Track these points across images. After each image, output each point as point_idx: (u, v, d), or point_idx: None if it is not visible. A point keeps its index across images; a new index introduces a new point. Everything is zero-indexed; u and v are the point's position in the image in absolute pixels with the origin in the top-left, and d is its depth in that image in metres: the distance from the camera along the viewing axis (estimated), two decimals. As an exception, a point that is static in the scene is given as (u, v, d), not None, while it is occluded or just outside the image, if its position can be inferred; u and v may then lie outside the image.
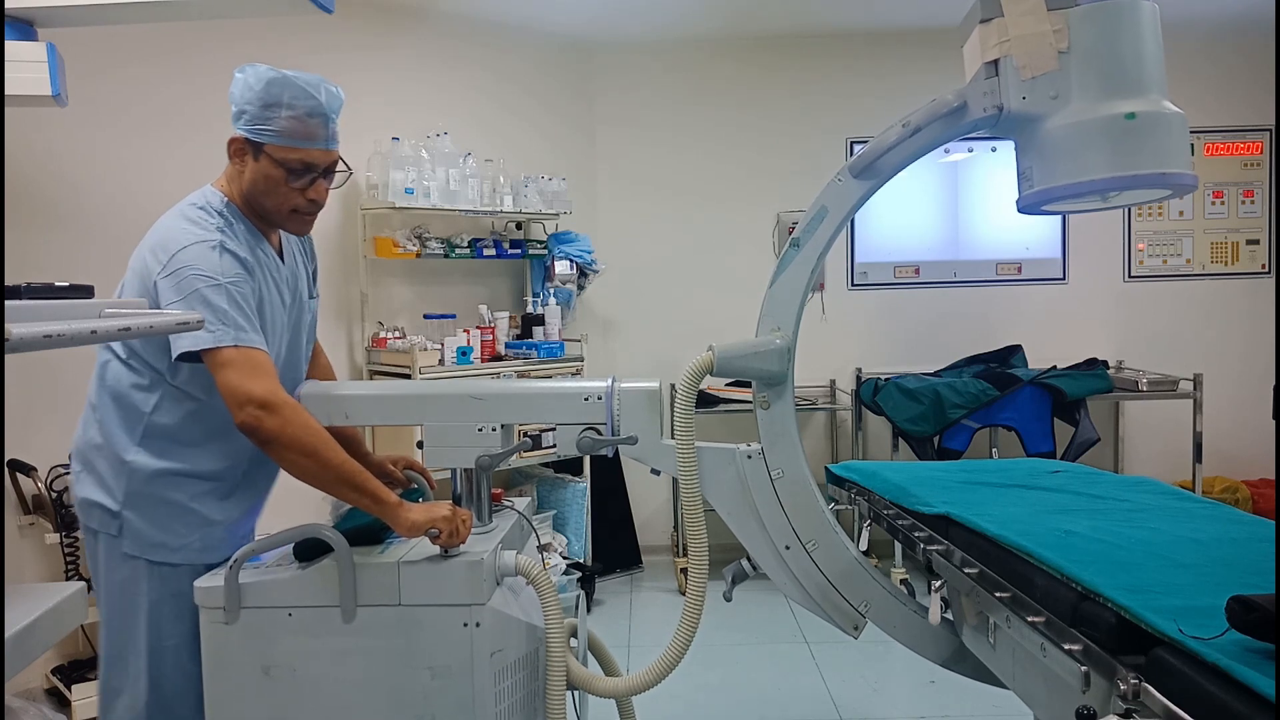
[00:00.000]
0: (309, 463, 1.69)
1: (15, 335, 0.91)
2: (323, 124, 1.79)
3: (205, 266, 1.69)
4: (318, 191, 1.83)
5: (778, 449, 1.97)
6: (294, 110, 1.75)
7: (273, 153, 1.76)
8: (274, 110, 1.74)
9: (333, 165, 1.84)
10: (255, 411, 1.65)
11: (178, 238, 1.72)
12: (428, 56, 4.24)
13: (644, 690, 1.91)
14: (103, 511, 1.78)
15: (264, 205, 1.81)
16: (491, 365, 4.03)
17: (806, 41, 4.85)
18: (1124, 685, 1.20)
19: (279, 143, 1.76)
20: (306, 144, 1.77)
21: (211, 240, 1.72)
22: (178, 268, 1.69)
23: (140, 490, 1.77)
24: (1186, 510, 1.91)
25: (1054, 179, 1.76)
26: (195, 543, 1.80)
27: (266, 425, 1.65)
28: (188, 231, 1.73)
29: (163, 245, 1.72)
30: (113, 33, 3.09)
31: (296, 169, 1.78)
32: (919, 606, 1.99)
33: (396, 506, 1.73)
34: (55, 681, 3.00)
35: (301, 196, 1.81)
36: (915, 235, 4.94)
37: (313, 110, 1.76)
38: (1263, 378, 4.82)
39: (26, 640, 1.02)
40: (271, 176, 1.78)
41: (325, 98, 1.78)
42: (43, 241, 3.04)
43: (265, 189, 1.79)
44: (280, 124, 1.74)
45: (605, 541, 4.56)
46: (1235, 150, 4.91)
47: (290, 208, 1.82)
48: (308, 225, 1.89)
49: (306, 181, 1.80)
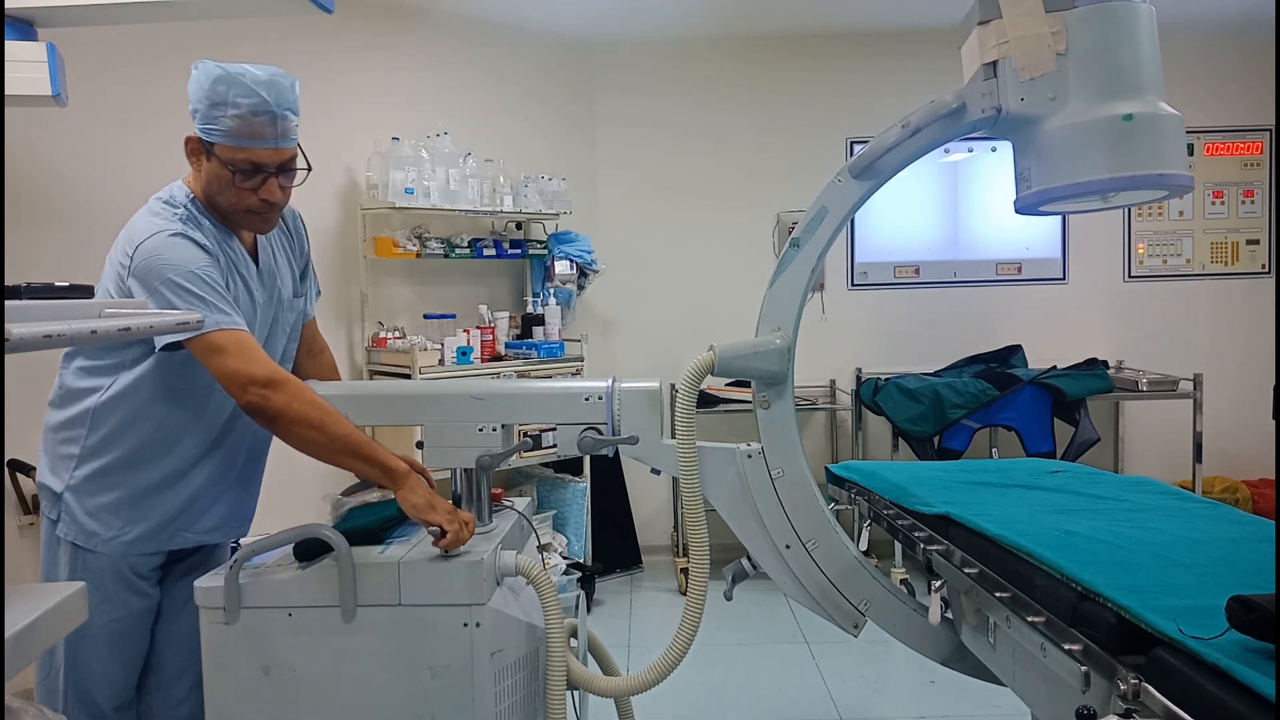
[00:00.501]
0: (317, 435, 1.69)
1: (15, 335, 0.91)
2: (269, 122, 1.73)
3: (170, 255, 1.69)
4: (270, 191, 1.78)
5: (778, 449, 1.97)
6: (238, 109, 1.70)
7: (220, 153, 1.74)
8: (220, 109, 1.70)
9: (287, 163, 1.80)
10: (260, 391, 1.65)
11: (141, 230, 1.73)
12: (428, 56, 4.25)
13: (644, 690, 1.91)
14: (49, 494, 1.81)
15: (219, 205, 1.80)
16: (491, 365, 4.04)
17: (806, 41, 4.85)
18: (1124, 685, 1.20)
19: (226, 142, 1.73)
20: (252, 143, 1.73)
21: (172, 229, 1.72)
22: (143, 259, 1.69)
23: (84, 477, 1.79)
24: (1186, 510, 1.91)
25: (1052, 180, 1.77)
26: (127, 534, 1.80)
27: (273, 403, 1.66)
28: (149, 224, 1.74)
29: (128, 241, 1.73)
30: (113, 33, 3.09)
31: (244, 169, 1.74)
32: (919, 606, 1.99)
33: (406, 476, 1.75)
34: (55, 681, 3.00)
35: (254, 196, 1.78)
36: (915, 235, 4.94)
37: (257, 108, 1.71)
38: (1263, 378, 4.82)
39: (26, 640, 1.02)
40: (221, 177, 1.75)
41: (273, 95, 1.72)
42: (43, 241, 3.04)
43: (218, 189, 1.78)
44: (226, 123, 1.71)
45: (605, 541, 4.56)
46: (1235, 150, 4.91)
47: (244, 207, 1.79)
48: (268, 224, 1.86)
49: (257, 181, 1.76)
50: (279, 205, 1.82)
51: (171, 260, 1.68)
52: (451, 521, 1.73)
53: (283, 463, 2.38)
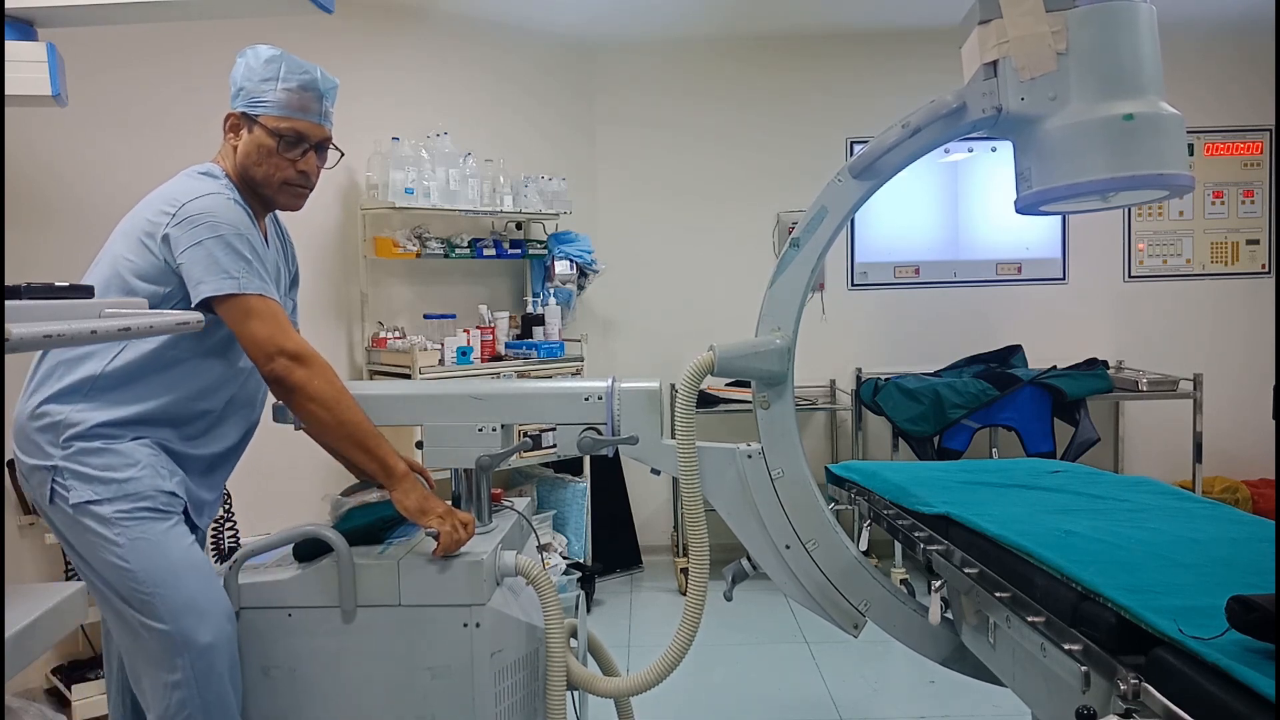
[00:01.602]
0: (328, 416, 1.72)
1: (15, 335, 0.91)
2: (315, 99, 1.85)
3: (225, 215, 1.74)
4: (308, 164, 1.87)
5: (778, 449, 1.97)
6: (288, 83, 1.81)
7: (266, 123, 1.82)
8: (270, 83, 1.81)
9: (325, 142, 1.89)
10: (286, 362, 1.69)
11: (190, 189, 1.76)
12: (428, 56, 4.24)
13: (645, 690, 1.91)
14: (42, 471, 1.71)
15: (255, 176, 1.85)
16: (491, 365, 4.04)
17: (806, 41, 4.85)
18: (1124, 685, 1.20)
19: (273, 113, 1.82)
20: (299, 115, 1.83)
21: (225, 194, 1.77)
22: (193, 214, 1.71)
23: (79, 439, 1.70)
24: (1186, 510, 1.91)
25: (1052, 179, 1.77)
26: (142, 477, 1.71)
27: (296, 375, 1.70)
28: (200, 184, 1.78)
29: (172, 198, 1.75)
30: (113, 33, 3.09)
31: (289, 137, 1.83)
32: (919, 606, 1.99)
33: (403, 478, 1.76)
34: (55, 681, 3.00)
35: (292, 168, 1.85)
36: (915, 235, 4.94)
37: (306, 84, 1.83)
38: (1263, 378, 4.82)
39: (26, 640, 1.02)
40: (264, 145, 1.82)
41: (320, 75, 1.86)
42: (43, 241, 3.04)
43: (257, 159, 1.83)
44: (275, 95, 1.81)
45: (605, 541, 4.56)
46: (1235, 150, 4.91)
47: (281, 179, 1.85)
48: (298, 201, 1.92)
49: (298, 152, 1.85)
50: (312, 181, 1.91)
51: (226, 219, 1.73)
52: (445, 524, 1.73)
53: (283, 463, 2.39)
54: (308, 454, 2.18)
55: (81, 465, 1.70)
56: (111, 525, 1.67)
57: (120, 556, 1.67)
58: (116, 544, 1.67)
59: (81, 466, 1.70)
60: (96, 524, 1.68)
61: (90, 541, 1.69)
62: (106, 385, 1.74)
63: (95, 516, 1.68)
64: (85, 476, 1.69)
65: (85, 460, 1.70)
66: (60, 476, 1.70)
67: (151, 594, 1.66)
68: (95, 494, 1.68)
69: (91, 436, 1.71)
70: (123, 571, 1.66)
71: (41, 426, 1.73)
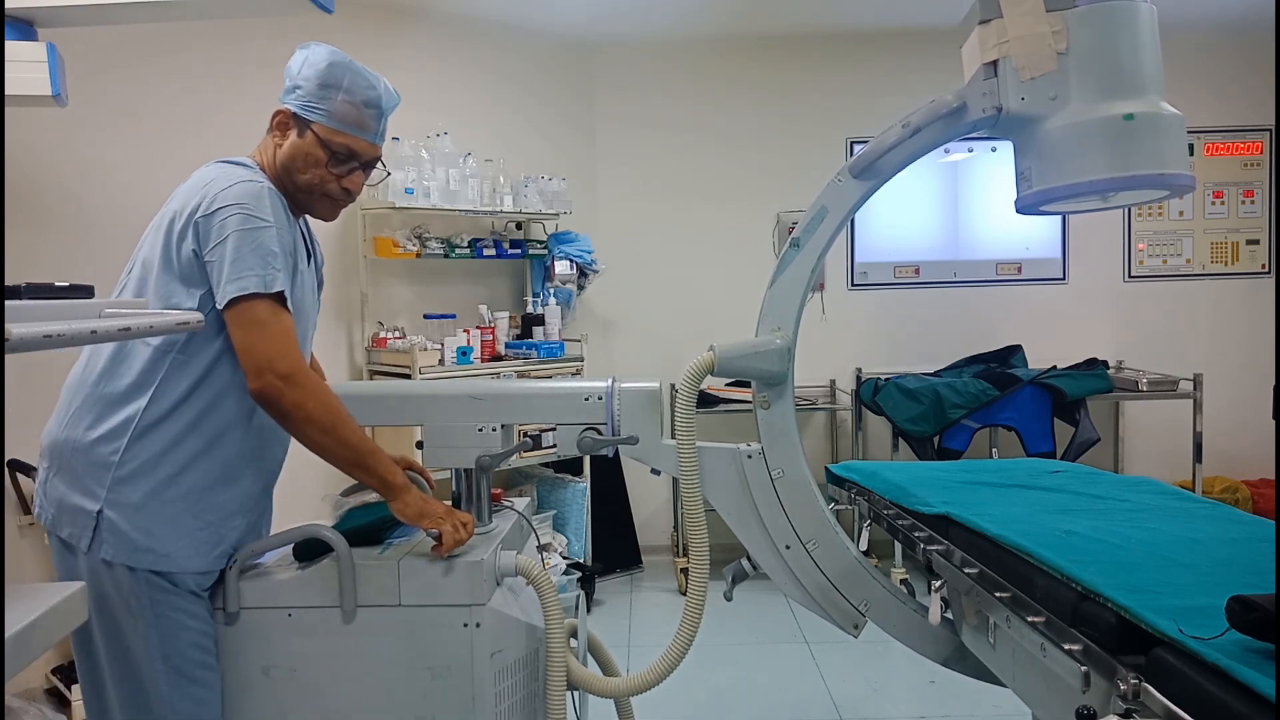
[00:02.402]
0: (327, 440, 1.65)
1: (15, 335, 0.91)
2: (375, 117, 1.77)
3: (255, 208, 1.62)
4: (354, 181, 1.79)
5: (778, 449, 1.97)
6: (351, 96, 1.73)
7: (320, 132, 1.72)
8: (331, 91, 1.71)
9: (374, 160, 1.82)
10: (276, 382, 1.59)
11: (227, 176, 1.66)
12: (428, 56, 4.25)
13: (645, 690, 1.91)
14: (77, 514, 1.64)
15: (296, 182, 1.75)
16: (491, 365, 4.04)
17: (806, 41, 4.85)
18: (1124, 685, 1.20)
19: (329, 124, 1.72)
20: (356, 132, 1.75)
21: (259, 182, 1.67)
22: (226, 204, 1.60)
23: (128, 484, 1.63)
24: (1186, 510, 1.91)
25: (1052, 179, 1.76)
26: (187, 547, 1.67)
27: (288, 399, 1.60)
28: (236, 173, 1.67)
29: (208, 185, 1.64)
30: (113, 33, 3.09)
31: (341, 154, 1.74)
32: (919, 606, 1.99)
33: (402, 490, 1.71)
34: (55, 681, 3.00)
35: (337, 183, 1.77)
36: (915, 235, 4.94)
37: (370, 101, 1.75)
38: (1263, 378, 4.82)
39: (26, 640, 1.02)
40: (313, 155, 1.73)
41: (384, 92, 1.77)
42: (43, 241, 3.04)
43: (303, 165, 1.73)
44: (334, 106, 1.72)
45: (605, 541, 4.56)
46: (1235, 150, 4.91)
47: (324, 191, 1.77)
48: (334, 213, 1.84)
49: (346, 169, 1.76)
50: (354, 198, 1.83)
51: (258, 214, 1.61)
52: (445, 524, 1.72)
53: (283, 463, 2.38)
54: (307, 454, 2.18)
55: (123, 519, 1.62)
56: (138, 595, 1.63)
57: (141, 630, 1.63)
58: (140, 616, 1.63)
59: (123, 521, 1.62)
60: (122, 587, 1.63)
61: (110, 596, 1.63)
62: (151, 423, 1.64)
63: (120, 580, 1.62)
64: (124, 536, 1.62)
65: (128, 515, 1.62)
66: (103, 525, 1.62)
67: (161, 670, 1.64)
68: (131, 562, 1.62)
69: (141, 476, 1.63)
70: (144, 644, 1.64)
71: (88, 462, 1.64)
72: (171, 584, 1.66)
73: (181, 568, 1.66)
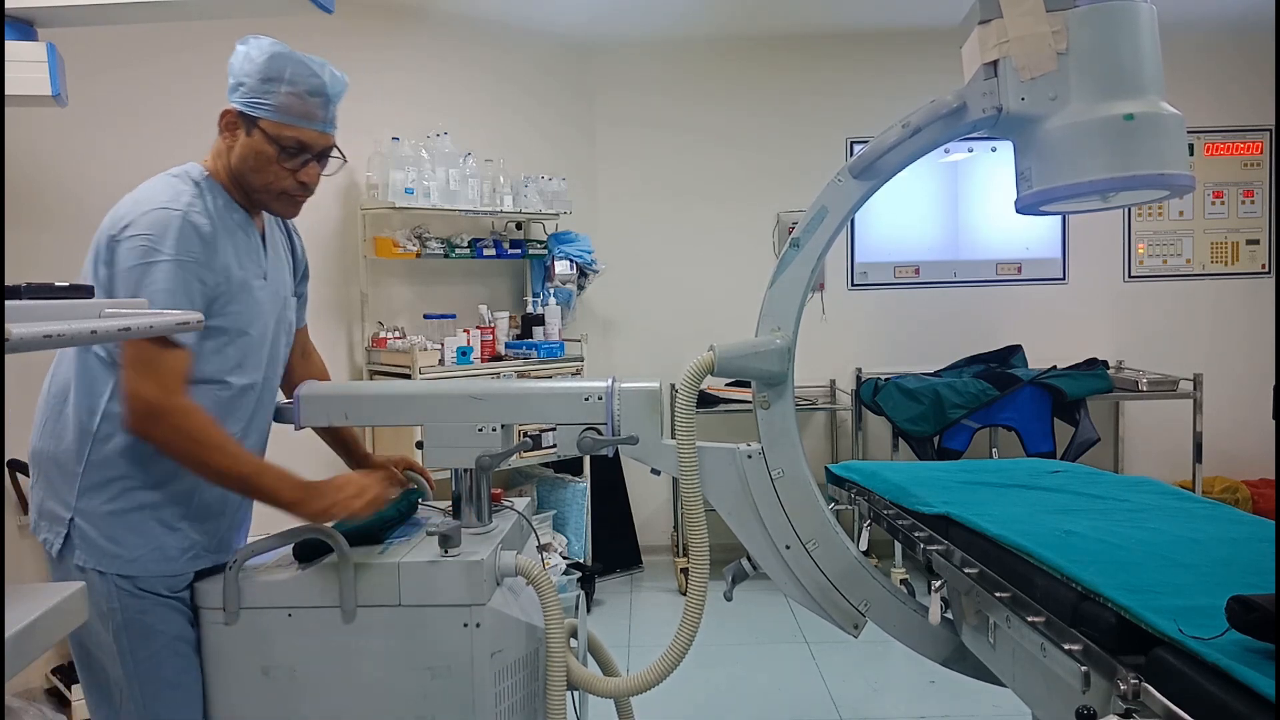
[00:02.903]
0: (202, 471, 1.63)
1: (15, 335, 0.91)
2: (322, 105, 1.72)
3: (159, 239, 1.59)
4: (309, 174, 1.75)
5: (778, 449, 1.97)
6: (294, 87, 1.68)
7: (267, 128, 1.69)
8: (273, 84, 1.67)
9: (328, 150, 1.77)
10: (140, 420, 1.57)
11: (149, 198, 1.65)
12: (428, 56, 4.25)
13: (645, 690, 1.91)
14: (53, 519, 1.68)
15: (251, 183, 1.73)
16: (491, 365, 4.04)
17: (806, 41, 4.85)
18: (1124, 685, 1.20)
19: (275, 118, 1.68)
20: (303, 123, 1.70)
21: (176, 209, 1.63)
22: (130, 235, 1.60)
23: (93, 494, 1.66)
24: (1186, 510, 1.90)
25: (1052, 180, 1.76)
26: (153, 552, 1.67)
27: (154, 435, 1.58)
28: (158, 195, 1.65)
29: (123, 207, 1.65)
30: (113, 33, 3.09)
31: (290, 147, 1.70)
32: (919, 606, 1.99)
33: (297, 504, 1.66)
34: (55, 681, 3.00)
35: (292, 178, 1.73)
36: (915, 235, 4.94)
37: (314, 89, 1.70)
38: (1263, 378, 4.82)
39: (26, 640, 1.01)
40: (263, 153, 1.70)
41: (328, 79, 1.72)
42: (43, 241, 3.04)
43: (255, 166, 1.71)
44: (278, 99, 1.68)
45: (605, 541, 4.56)
46: (1235, 150, 4.91)
47: (279, 189, 1.74)
48: (295, 209, 1.80)
49: (299, 163, 1.72)
50: (311, 190, 1.79)
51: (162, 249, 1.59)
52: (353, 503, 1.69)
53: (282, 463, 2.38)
54: (308, 454, 2.17)
55: (92, 527, 1.65)
56: (109, 599, 1.65)
57: (112, 632, 1.66)
58: (110, 618, 1.65)
59: (92, 529, 1.65)
60: (94, 592, 1.63)
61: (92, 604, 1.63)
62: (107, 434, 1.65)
63: (96, 586, 1.64)
64: (94, 544, 1.65)
65: (96, 523, 1.65)
66: (74, 532, 1.66)
67: (133, 672, 1.66)
68: (101, 567, 1.65)
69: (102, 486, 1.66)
70: (112, 646, 1.66)
71: (58, 473, 1.68)
72: (140, 589, 1.66)
73: (148, 571, 1.67)
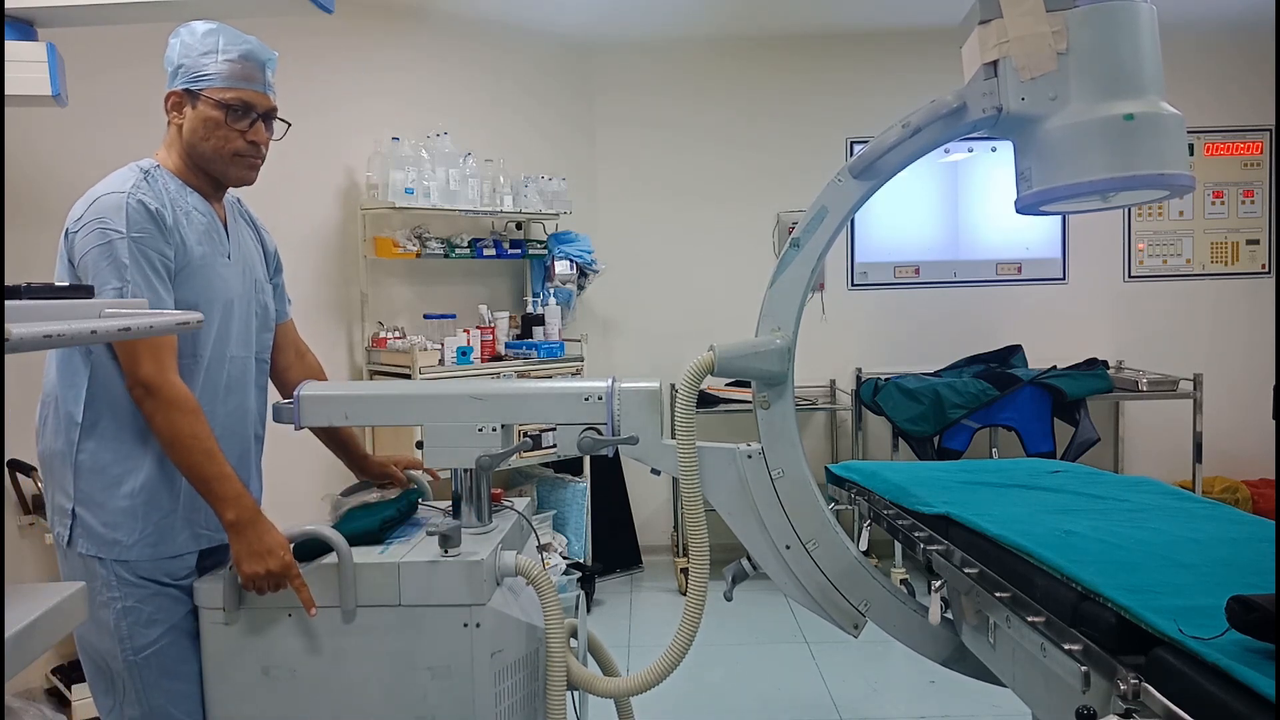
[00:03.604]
0: (172, 455, 1.68)
1: (15, 335, 0.91)
2: (258, 68, 1.83)
3: (113, 220, 1.68)
4: (257, 133, 1.84)
5: (778, 449, 1.97)
6: (229, 54, 1.80)
7: (211, 94, 1.79)
8: (210, 56, 1.79)
9: (272, 112, 1.86)
10: (139, 392, 1.66)
11: (102, 187, 1.74)
12: (428, 56, 4.25)
13: (645, 690, 1.91)
14: (60, 513, 1.74)
15: (204, 152, 1.82)
16: (491, 365, 4.04)
17: (806, 41, 4.85)
18: (1124, 685, 1.20)
19: (217, 84, 1.79)
20: (244, 84, 1.81)
21: (121, 191, 1.72)
22: (86, 221, 1.68)
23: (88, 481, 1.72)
24: (1187, 510, 1.91)
25: (1052, 180, 1.76)
26: (148, 536, 1.72)
27: (145, 409, 1.67)
28: (109, 183, 1.75)
29: (76, 207, 1.73)
30: (113, 33, 3.09)
31: (236, 107, 1.80)
32: (919, 606, 1.99)
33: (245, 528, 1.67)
34: (55, 681, 3.00)
35: (241, 138, 1.82)
36: (915, 235, 4.94)
37: (247, 54, 1.81)
38: (1263, 378, 4.82)
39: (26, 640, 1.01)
40: (211, 118, 1.80)
41: (257, 46, 1.84)
42: (43, 241, 3.03)
43: (204, 133, 1.80)
44: (218, 67, 1.79)
45: (605, 541, 4.56)
46: (1235, 150, 4.91)
47: (232, 150, 1.82)
48: (251, 172, 1.88)
49: (246, 123, 1.82)
50: (263, 151, 1.87)
51: (112, 224, 1.67)
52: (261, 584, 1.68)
53: (282, 463, 2.39)
54: (308, 454, 2.18)
55: (91, 516, 1.71)
56: (109, 587, 1.71)
57: (112, 620, 1.71)
58: (110, 606, 1.70)
59: (91, 518, 1.71)
60: (99, 582, 1.71)
61: (94, 592, 1.70)
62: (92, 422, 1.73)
63: (98, 574, 1.71)
64: (93, 532, 1.71)
65: (94, 511, 1.71)
66: (76, 522, 1.72)
67: (132, 661, 1.71)
68: (101, 553, 1.71)
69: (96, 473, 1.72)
70: (113, 634, 1.71)
71: (60, 465, 1.75)
72: (140, 577, 1.72)
73: (144, 555, 1.72)
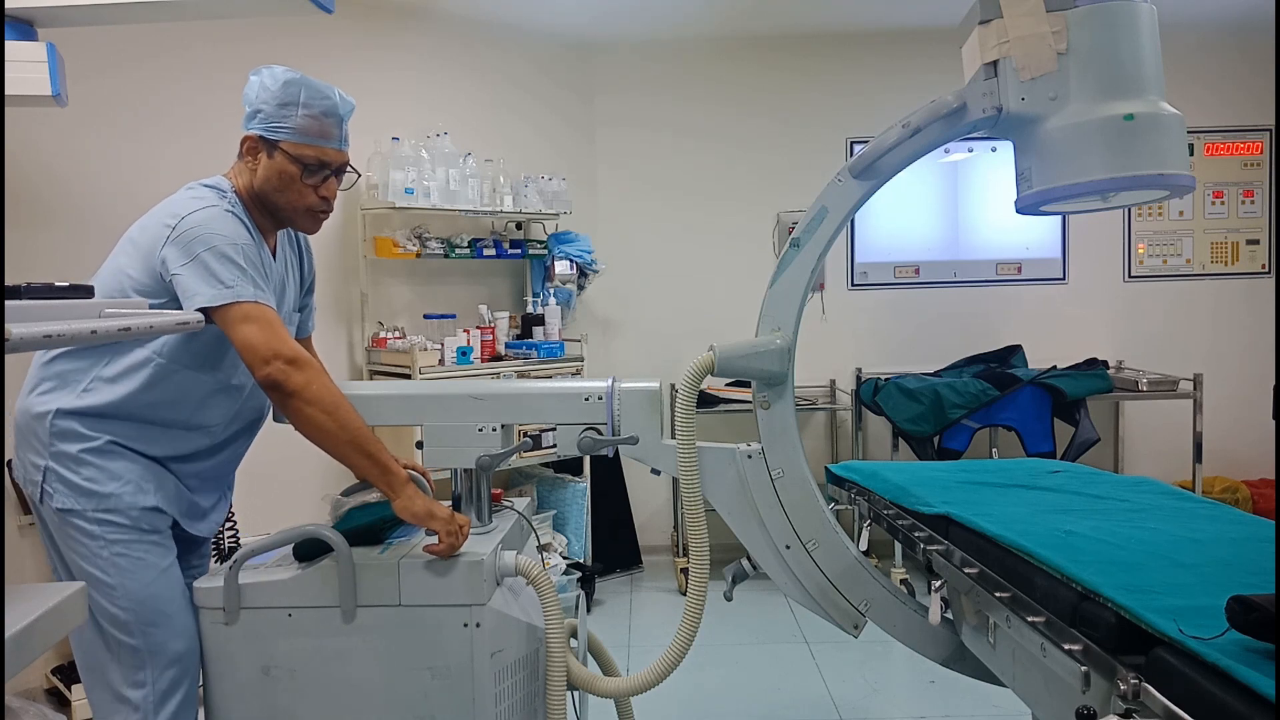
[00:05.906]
0: (328, 420, 1.71)
1: (15, 335, 0.91)
2: (336, 125, 1.86)
3: (220, 227, 1.73)
4: (329, 189, 1.89)
5: (778, 449, 1.97)
6: (310, 109, 1.81)
7: (289, 149, 1.82)
8: (290, 109, 1.80)
9: (344, 165, 1.90)
10: (283, 366, 1.68)
11: (188, 205, 1.77)
12: (428, 56, 4.24)
13: (645, 690, 1.91)
14: (34, 470, 1.76)
15: (276, 202, 1.85)
16: (491, 365, 4.04)
17: (806, 41, 4.85)
18: (1124, 685, 1.20)
19: (295, 139, 1.81)
20: (321, 141, 1.84)
21: (220, 206, 1.77)
22: (188, 229, 1.71)
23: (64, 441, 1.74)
24: (1187, 510, 1.91)
25: (1052, 180, 1.77)
26: (130, 488, 1.75)
27: (294, 380, 1.68)
28: (198, 200, 1.78)
29: (173, 213, 1.76)
30: (113, 33, 3.09)
31: (312, 165, 1.83)
32: (919, 606, 1.99)
33: (404, 484, 1.75)
34: (55, 681, 3.00)
35: (314, 194, 1.87)
36: (915, 235, 4.94)
37: (328, 110, 1.83)
38: (1263, 378, 4.82)
39: (26, 640, 1.02)
40: (286, 173, 1.82)
41: (339, 100, 1.86)
42: (43, 241, 3.04)
43: (279, 185, 1.84)
44: (296, 121, 1.80)
45: (605, 541, 4.56)
46: (1235, 150, 4.91)
47: (305, 206, 1.87)
48: (317, 225, 1.95)
49: (319, 179, 1.86)
50: (331, 206, 1.93)
51: (221, 231, 1.72)
52: (449, 529, 1.73)
53: (283, 463, 2.39)
54: (308, 454, 2.17)
55: (68, 471, 1.74)
56: (94, 538, 1.73)
57: (101, 569, 1.73)
58: (98, 556, 1.73)
59: (68, 473, 1.74)
60: (80, 534, 1.74)
61: (74, 548, 1.75)
62: (97, 391, 1.76)
63: (79, 527, 1.73)
64: (71, 484, 1.74)
65: (71, 467, 1.74)
66: (49, 479, 1.75)
67: (126, 609, 1.72)
68: (79, 505, 1.74)
69: (75, 438, 1.74)
70: (101, 585, 1.72)
71: (35, 424, 1.77)
72: (123, 523, 1.74)
73: (128, 504, 1.75)
